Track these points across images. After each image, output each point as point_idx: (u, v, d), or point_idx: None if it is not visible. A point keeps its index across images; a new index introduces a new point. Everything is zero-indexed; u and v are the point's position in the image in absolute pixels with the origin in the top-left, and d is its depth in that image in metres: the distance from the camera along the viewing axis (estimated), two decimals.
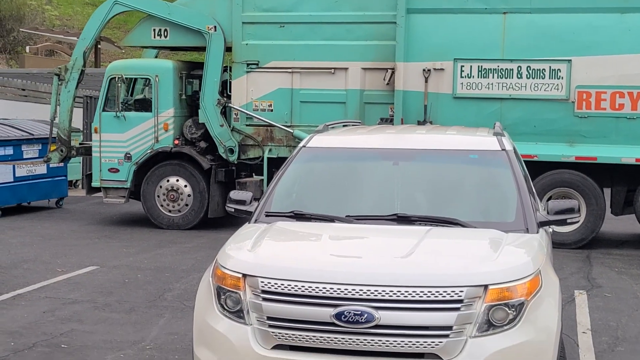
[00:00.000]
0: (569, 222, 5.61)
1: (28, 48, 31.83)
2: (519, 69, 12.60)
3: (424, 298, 4.44)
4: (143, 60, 15.53)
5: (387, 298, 4.44)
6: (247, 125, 14.12)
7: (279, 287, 4.58)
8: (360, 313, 4.42)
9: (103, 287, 9.45)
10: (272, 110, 13.91)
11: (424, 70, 12.95)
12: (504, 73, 12.65)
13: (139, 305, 8.58)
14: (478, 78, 12.75)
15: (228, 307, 4.75)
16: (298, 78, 13.78)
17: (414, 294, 4.44)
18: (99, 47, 24.63)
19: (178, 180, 14.16)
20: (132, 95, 14.60)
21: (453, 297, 4.44)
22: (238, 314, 4.69)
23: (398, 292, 4.45)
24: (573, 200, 5.73)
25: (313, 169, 6.21)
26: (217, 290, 4.84)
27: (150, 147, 14.19)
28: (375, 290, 4.45)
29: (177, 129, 14.26)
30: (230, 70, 14.18)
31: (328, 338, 4.47)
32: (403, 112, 13.01)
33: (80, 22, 32.89)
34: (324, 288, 4.50)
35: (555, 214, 5.55)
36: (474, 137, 6.56)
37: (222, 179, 14.12)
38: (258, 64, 13.89)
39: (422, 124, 12.37)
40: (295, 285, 4.55)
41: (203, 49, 14.34)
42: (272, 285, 4.60)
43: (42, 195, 16.38)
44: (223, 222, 14.41)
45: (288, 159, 6.26)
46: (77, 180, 19.89)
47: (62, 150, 14.78)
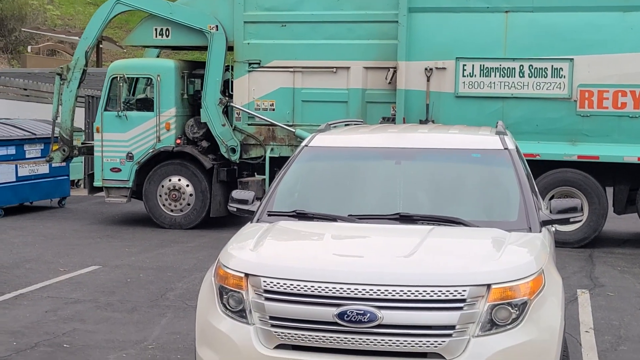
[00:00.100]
0: (572, 221, 5.60)
1: (30, 48, 31.81)
2: (521, 68, 12.59)
3: (427, 297, 4.43)
4: (145, 60, 15.52)
5: (389, 297, 4.43)
6: (249, 125, 14.12)
7: (282, 286, 4.57)
8: (363, 312, 4.41)
9: (105, 286, 9.45)
10: (274, 110, 13.90)
11: (426, 69, 12.94)
12: (506, 72, 12.64)
13: (141, 305, 8.58)
14: (480, 77, 12.74)
15: (230, 306, 4.74)
16: (300, 77, 13.76)
17: (417, 294, 4.43)
18: (101, 46, 24.64)
19: (180, 180, 14.16)
20: (133, 95, 14.59)
21: (456, 296, 4.43)
22: (240, 314, 4.68)
23: (401, 291, 4.44)
24: (576, 199, 5.72)
25: (315, 168, 6.20)
26: (219, 290, 4.83)
27: (152, 146, 14.19)
28: (378, 290, 4.45)
29: (179, 129, 14.26)
30: (232, 70, 14.18)
31: (331, 338, 4.46)
32: (405, 111, 12.99)
33: (82, 21, 32.89)
34: (327, 287, 4.49)
35: (558, 213, 5.54)
36: (477, 136, 6.55)
37: (224, 179, 14.11)
38: (260, 63, 13.88)
39: (424, 123, 12.36)
40: (298, 285, 4.54)
41: (205, 49, 14.33)
42: (274, 285, 4.59)
43: (44, 195, 16.38)
44: (225, 221, 14.41)
45: (290, 158, 6.25)
46: (79, 180, 19.89)
47: (64, 150, 14.78)
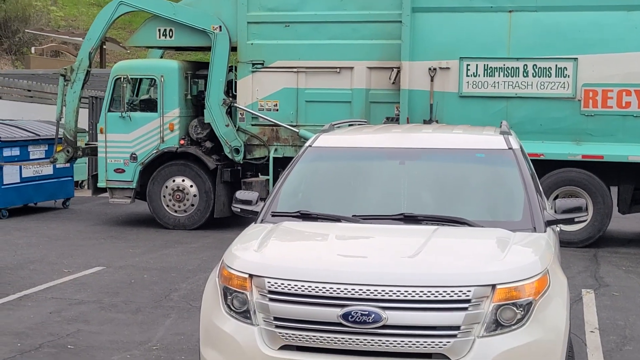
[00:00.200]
0: (577, 221, 5.57)
1: (33, 49, 31.85)
2: (525, 68, 12.57)
3: (432, 298, 4.41)
4: (148, 61, 15.52)
5: (394, 298, 4.42)
6: (252, 125, 14.11)
7: (286, 287, 4.56)
8: (368, 313, 4.40)
9: (109, 287, 9.45)
10: (277, 110, 13.90)
11: (430, 69, 12.93)
12: (510, 71, 12.62)
13: (145, 306, 8.58)
14: (484, 77, 12.72)
15: (235, 307, 4.73)
16: (303, 77, 13.76)
17: (422, 294, 4.42)
18: (105, 47, 24.63)
19: (184, 181, 14.16)
20: (137, 96, 14.60)
21: (460, 296, 4.42)
22: (245, 315, 4.67)
23: (405, 292, 4.42)
24: (580, 199, 5.70)
25: (319, 169, 6.19)
26: (223, 291, 4.82)
27: (156, 147, 14.19)
28: (383, 290, 4.43)
29: (182, 129, 14.26)
30: (236, 70, 14.17)
31: (335, 338, 4.45)
32: (409, 111, 12.98)
33: (86, 22, 32.92)
34: (331, 288, 4.48)
35: (563, 213, 5.52)
36: (481, 136, 6.54)
37: (227, 179, 14.11)
38: (263, 64, 13.88)
39: (428, 123, 12.35)
40: (302, 286, 4.53)
41: (208, 49, 14.33)
42: (278, 286, 4.58)
43: (48, 196, 16.39)
44: (229, 222, 14.40)
45: (294, 159, 6.24)
46: (83, 181, 19.92)
47: (68, 151, 14.79)
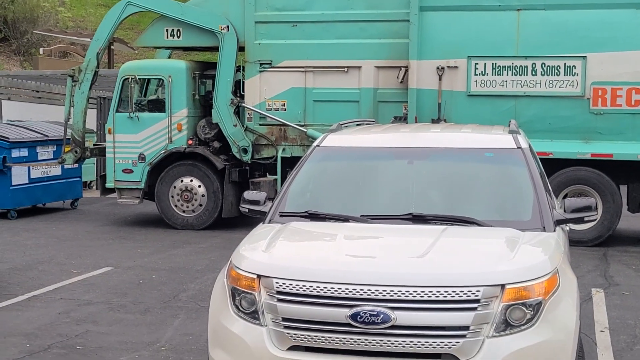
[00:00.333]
0: (586, 220, 5.54)
1: (42, 50, 31.95)
2: (534, 66, 12.52)
3: (441, 298, 4.39)
4: (156, 61, 15.54)
5: (403, 298, 4.40)
6: (260, 125, 14.11)
7: (294, 287, 4.54)
8: (376, 313, 4.39)
9: (118, 288, 9.45)
10: (285, 110, 13.89)
11: (438, 68, 12.90)
12: (519, 70, 12.57)
13: (154, 306, 8.58)
14: (492, 75, 12.68)
15: (243, 308, 4.72)
16: (311, 77, 13.75)
17: (430, 294, 4.40)
18: (112, 48, 24.70)
19: (192, 181, 14.17)
20: (145, 96, 14.61)
21: (470, 296, 4.39)
22: (253, 315, 4.66)
23: (414, 292, 4.40)
24: (590, 198, 5.66)
25: (327, 169, 6.17)
26: (231, 291, 4.81)
27: (164, 147, 14.20)
28: (391, 291, 4.41)
29: (190, 129, 14.27)
30: (243, 70, 14.16)
31: (344, 339, 4.44)
32: (417, 110, 12.95)
33: (94, 23, 32.99)
34: (340, 288, 4.46)
35: (572, 212, 5.48)
36: (489, 135, 6.51)
37: (235, 179, 14.11)
38: (271, 64, 13.87)
39: (436, 122, 12.32)
40: (311, 286, 4.51)
41: (216, 49, 14.33)
42: (287, 286, 4.56)
43: (56, 197, 16.41)
44: (237, 222, 14.40)
45: (302, 159, 6.22)
46: (91, 181, 19.95)
47: (76, 152, 14.81)
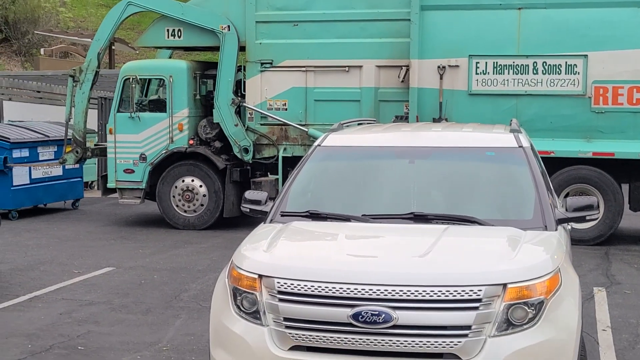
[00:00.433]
0: (588, 219, 5.53)
1: (43, 50, 31.97)
2: (535, 65, 12.51)
3: (442, 297, 4.38)
4: (157, 61, 15.54)
5: (404, 298, 4.39)
6: (261, 125, 14.10)
7: (296, 287, 4.54)
8: (378, 313, 4.38)
9: (119, 288, 9.45)
10: (286, 109, 13.88)
11: (439, 67, 12.89)
12: (520, 69, 12.56)
13: (155, 306, 8.57)
14: (493, 74, 12.67)
15: (244, 308, 4.71)
16: (312, 76, 13.74)
17: (432, 294, 4.39)
18: (113, 48, 24.69)
19: (193, 181, 14.17)
20: (146, 96, 14.61)
21: (471, 296, 4.38)
22: (254, 315, 4.66)
23: (416, 291, 4.40)
24: (592, 197, 5.65)
25: (328, 168, 6.16)
26: (233, 291, 4.81)
27: (165, 147, 14.20)
28: (393, 290, 4.41)
29: (191, 129, 14.26)
30: (244, 70, 14.16)
31: (345, 339, 4.43)
32: (418, 109, 12.94)
33: (95, 23, 32.99)
34: (341, 288, 4.46)
35: (574, 211, 5.47)
36: (491, 134, 6.50)
37: (237, 179, 14.10)
38: (272, 63, 13.87)
39: (437, 122, 12.31)
40: (312, 286, 4.50)
41: (217, 49, 14.32)
42: (288, 286, 4.56)
43: (58, 197, 16.42)
44: (238, 221, 14.40)
45: (303, 158, 6.21)
46: (92, 182, 19.96)
47: (77, 152, 14.81)
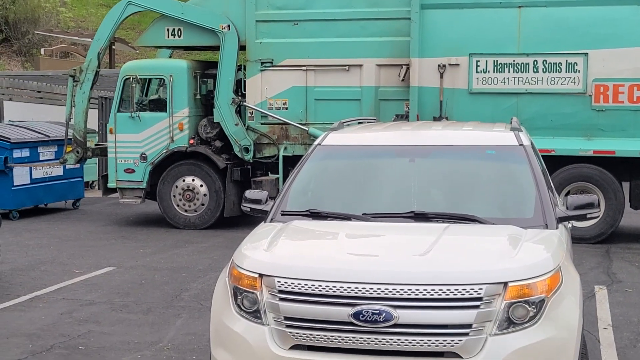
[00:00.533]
0: (589, 217, 5.52)
1: (43, 50, 31.98)
2: (535, 63, 12.50)
3: (443, 296, 4.38)
4: (157, 61, 15.54)
5: (405, 297, 4.38)
6: (262, 124, 14.10)
7: (296, 286, 4.53)
8: (379, 312, 4.37)
9: (120, 288, 9.45)
10: (286, 109, 13.88)
11: (439, 66, 12.88)
12: (520, 67, 12.55)
13: (156, 306, 8.57)
14: (494, 73, 12.66)
15: (245, 307, 4.70)
16: (312, 76, 13.74)
17: (433, 292, 4.38)
18: (113, 47, 24.67)
19: (194, 180, 14.16)
20: (146, 96, 14.61)
21: (472, 294, 4.38)
22: (255, 315, 4.65)
23: (416, 290, 4.39)
24: (593, 195, 5.66)
25: (328, 167, 6.15)
26: (233, 291, 4.80)
27: (166, 147, 14.20)
28: (394, 289, 4.40)
29: (192, 129, 14.26)
30: (245, 69, 14.15)
31: (346, 338, 4.42)
32: (419, 108, 12.94)
33: (95, 23, 32.99)
34: (342, 287, 4.45)
35: (575, 209, 5.47)
36: (491, 132, 6.49)
37: (237, 178, 14.10)
38: (272, 62, 13.87)
39: (438, 120, 12.30)
40: (312, 285, 4.50)
41: (217, 48, 14.31)
42: (289, 285, 4.55)
43: (58, 197, 16.42)
44: (239, 221, 14.40)
45: (303, 157, 6.21)
46: (93, 181, 19.96)
47: (78, 152, 14.81)
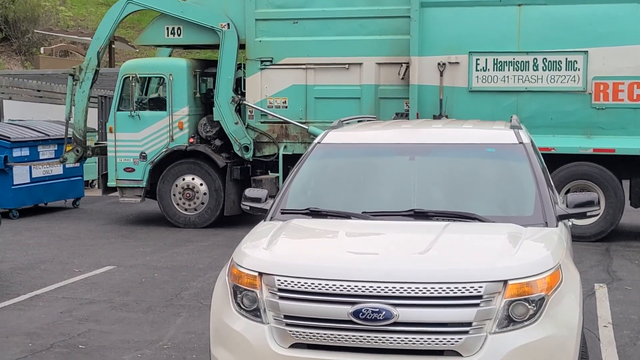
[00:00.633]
0: (589, 215, 5.52)
1: (43, 49, 31.95)
2: (535, 61, 12.49)
3: (443, 294, 4.37)
4: (156, 59, 15.53)
5: (405, 295, 4.38)
6: (261, 123, 14.10)
7: (296, 285, 4.53)
8: (379, 310, 4.37)
9: (120, 286, 9.45)
10: (286, 107, 13.88)
11: (439, 64, 12.87)
12: (520, 66, 12.54)
13: (156, 305, 8.57)
14: (493, 71, 12.65)
15: (245, 306, 4.70)
16: (312, 74, 13.73)
17: (433, 290, 4.38)
18: (113, 46, 24.68)
19: (194, 179, 14.16)
20: (146, 95, 14.60)
21: (472, 292, 4.37)
22: (255, 313, 4.65)
23: (416, 288, 4.39)
24: (592, 193, 5.65)
25: (328, 166, 6.15)
26: (233, 289, 4.80)
27: (166, 145, 14.19)
28: (394, 287, 4.40)
29: (191, 128, 14.26)
30: (244, 68, 14.14)
31: (346, 336, 4.42)
32: (418, 106, 12.93)
33: (94, 22, 32.97)
34: (341, 285, 4.45)
35: (575, 207, 5.47)
36: (491, 130, 6.48)
37: (237, 177, 14.10)
38: (272, 61, 13.86)
39: (437, 118, 12.30)
40: (312, 283, 4.50)
41: (217, 47, 14.31)
42: (288, 284, 4.55)
43: (58, 196, 16.42)
44: (239, 220, 14.40)
45: (303, 156, 6.21)
46: (93, 180, 19.96)
47: (77, 151, 14.81)
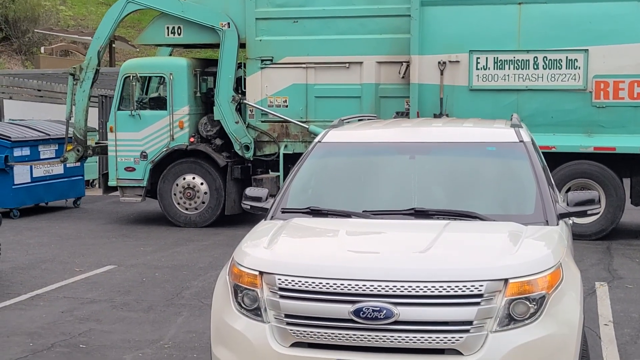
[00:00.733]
0: (589, 213, 5.52)
1: (43, 49, 31.96)
2: (535, 60, 12.49)
3: (444, 293, 4.37)
4: (157, 59, 15.52)
5: (406, 294, 4.38)
6: (262, 122, 14.10)
7: (297, 284, 4.53)
8: (379, 309, 4.37)
9: (121, 286, 9.45)
10: (287, 106, 13.88)
11: (439, 63, 12.87)
12: (520, 64, 12.54)
13: (157, 304, 8.57)
14: (494, 70, 12.65)
15: (245, 305, 4.70)
16: (312, 73, 13.73)
17: (433, 289, 4.38)
18: (113, 46, 24.70)
19: (194, 178, 14.16)
20: (146, 94, 14.60)
21: (473, 291, 4.37)
22: (255, 312, 4.65)
23: (417, 287, 4.38)
24: (593, 192, 5.64)
25: (329, 165, 6.15)
26: (234, 288, 4.80)
27: (166, 145, 14.19)
28: (394, 286, 4.40)
29: (192, 127, 14.26)
30: (245, 67, 14.14)
31: (347, 335, 4.42)
32: (419, 105, 12.93)
33: (95, 21, 32.98)
34: (342, 284, 4.45)
35: (575, 206, 5.47)
36: (491, 129, 6.48)
37: (238, 176, 14.10)
38: (272, 60, 13.86)
39: (438, 117, 12.30)
40: (313, 282, 4.50)
41: (217, 46, 14.31)
42: (289, 283, 4.55)
43: (59, 195, 16.42)
44: (239, 219, 14.40)
45: (303, 155, 6.21)
46: (93, 180, 19.96)
47: (78, 150, 14.81)
